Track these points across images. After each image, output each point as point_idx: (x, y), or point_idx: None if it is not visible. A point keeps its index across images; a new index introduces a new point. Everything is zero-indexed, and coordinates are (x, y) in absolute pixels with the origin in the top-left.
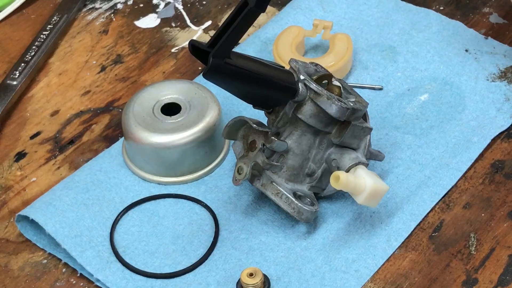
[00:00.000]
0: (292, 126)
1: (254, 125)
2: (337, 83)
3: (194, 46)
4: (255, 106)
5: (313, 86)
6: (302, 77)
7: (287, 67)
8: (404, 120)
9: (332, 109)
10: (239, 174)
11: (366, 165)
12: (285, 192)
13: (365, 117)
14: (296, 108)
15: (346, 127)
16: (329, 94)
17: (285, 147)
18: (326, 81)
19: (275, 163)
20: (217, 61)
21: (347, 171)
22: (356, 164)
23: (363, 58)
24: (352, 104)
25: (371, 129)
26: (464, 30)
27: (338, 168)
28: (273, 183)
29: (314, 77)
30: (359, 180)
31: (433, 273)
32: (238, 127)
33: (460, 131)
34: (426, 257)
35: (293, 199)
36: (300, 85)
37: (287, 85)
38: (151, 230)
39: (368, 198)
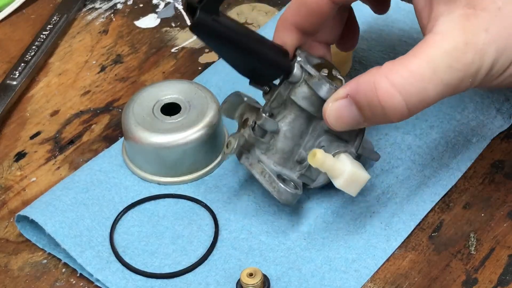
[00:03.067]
0: (287, 109)
1: (245, 98)
2: (340, 77)
3: (188, 3)
4: (250, 83)
5: (308, 67)
6: (299, 59)
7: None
8: (404, 120)
9: (323, 90)
10: (227, 148)
11: (354, 156)
12: (269, 172)
13: None
14: (291, 90)
15: None
16: (322, 76)
17: (275, 127)
18: (327, 71)
19: (261, 139)
20: (204, 15)
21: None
22: (342, 152)
23: (363, 58)
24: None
25: None
26: None
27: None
28: (260, 162)
29: (314, 63)
30: (338, 163)
31: (433, 273)
32: (236, 106)
33: (460, 131)
34: (426, 257)
35: (275, 179)
36: (296, 66)
37: (277, 59)
38: (150, 230)
39: (346, 182)
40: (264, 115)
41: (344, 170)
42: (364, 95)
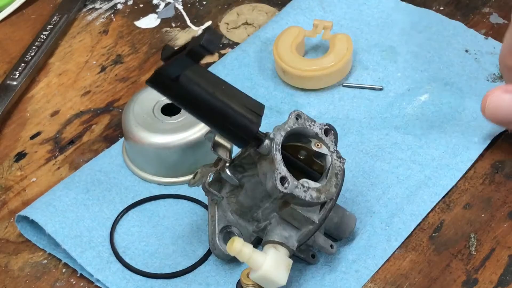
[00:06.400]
0: (256, 170)
1: (211, 149)
2: (320, 162)
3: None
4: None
5: (278, 148)
6: (272, 136)
7: (288, 68)
8: (405, 120)
9: (268, 183)
10: (193, 178)
11: (291, 252)
12: (216, 221)
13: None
14: (259, 158)
15: (287, 205)
16: (283, 173)
17: (234, 182)
18: (305, 153)
19: (214, 192)
20: (159, 77)
21: (264, 244)
22: (278, 243)
23: (363, 58)
24: (295, 190)
25: (315, 223)
26: (464, 31)
27: (266, 235)
28: (216, 206)
29: (291, 143)
30: (257, 255)
31: (433, 273)
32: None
33: (460, 131)
34: (426, 257)
35: (217, 231)
36: (267, 141)
37: (244, 126)
38: (151, 231)
39: (259, 279)
40: (227, 170)
41: (261, 265)
42: None
